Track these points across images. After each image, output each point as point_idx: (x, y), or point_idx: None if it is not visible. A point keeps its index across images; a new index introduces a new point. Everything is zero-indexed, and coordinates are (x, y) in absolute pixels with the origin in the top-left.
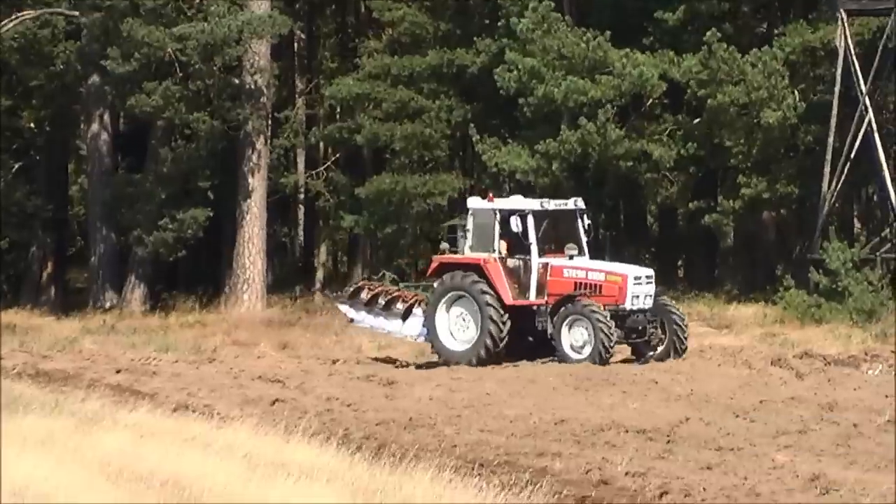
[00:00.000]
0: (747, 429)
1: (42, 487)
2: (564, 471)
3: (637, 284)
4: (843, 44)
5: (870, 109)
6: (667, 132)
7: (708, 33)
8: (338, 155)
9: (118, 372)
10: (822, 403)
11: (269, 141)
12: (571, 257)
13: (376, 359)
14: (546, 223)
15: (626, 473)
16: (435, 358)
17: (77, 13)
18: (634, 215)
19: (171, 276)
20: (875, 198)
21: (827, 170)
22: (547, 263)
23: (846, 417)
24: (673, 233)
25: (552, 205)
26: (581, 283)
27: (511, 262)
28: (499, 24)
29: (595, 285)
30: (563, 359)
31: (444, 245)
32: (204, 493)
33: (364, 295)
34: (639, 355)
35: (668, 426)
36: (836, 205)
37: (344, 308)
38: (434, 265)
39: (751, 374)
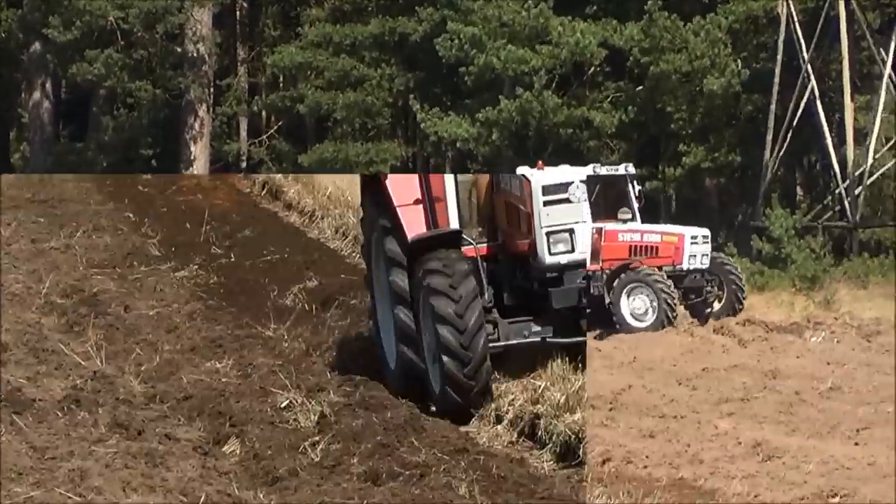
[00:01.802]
0: (690, 396)
1: None
2: None
3: (694, 244)
4: (785, 11)
5: (812, 77)
6: (608, 99)
7: (650, 1)
8: (280, 123)
9: None
10: (764, 371)
11: (211, 109)
12: (625, 221)
13: None
14: (597, 189)
15: None
16: None
17: None
18: None
19: None
20: (817, 165)
21: (769, 137)
22: (601, 228)
23: (789, 385)
24: None
25: (603, 170)
26: (637, 247)
27: None
28: None
29: (651, 247)
30: (623, 327)
31: None
32: None
33: None
34: (696, 315)
35: (611, 393)
36: (779, 172)
37: None
38: None
39: (693, 342)
